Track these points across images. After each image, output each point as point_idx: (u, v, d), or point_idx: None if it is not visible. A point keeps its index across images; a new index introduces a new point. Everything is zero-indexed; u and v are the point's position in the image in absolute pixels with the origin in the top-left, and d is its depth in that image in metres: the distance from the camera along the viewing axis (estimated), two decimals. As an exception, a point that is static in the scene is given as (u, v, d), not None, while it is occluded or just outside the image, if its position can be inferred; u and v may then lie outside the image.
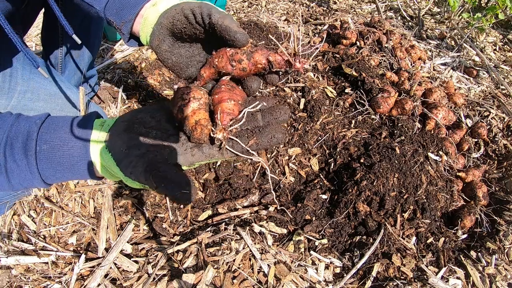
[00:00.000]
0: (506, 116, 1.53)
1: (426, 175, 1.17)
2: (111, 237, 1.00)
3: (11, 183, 0.62)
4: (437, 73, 1.82)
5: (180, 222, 1.10)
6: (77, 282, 0.88)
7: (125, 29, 0.79)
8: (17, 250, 0.95)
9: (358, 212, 1.10)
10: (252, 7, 2.38)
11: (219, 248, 0.93)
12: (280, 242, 1.04)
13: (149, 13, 0.73)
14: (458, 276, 0.98)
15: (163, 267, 0.89)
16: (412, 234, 1.07)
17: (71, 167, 0.62)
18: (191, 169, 1.26)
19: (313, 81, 1.56)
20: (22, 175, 0.62)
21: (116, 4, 0.80)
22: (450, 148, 1.32)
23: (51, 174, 0.62)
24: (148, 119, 0.61)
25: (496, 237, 1.09)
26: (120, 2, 0.79)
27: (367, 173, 1.16)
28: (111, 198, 1.09)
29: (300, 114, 1.41)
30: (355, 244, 1.05)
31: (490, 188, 1.27)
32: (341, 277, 0.95)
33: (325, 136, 1.36)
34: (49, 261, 0.91)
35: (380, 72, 1.62)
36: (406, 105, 1.40)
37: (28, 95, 1.02)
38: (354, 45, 1.83)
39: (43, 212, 1.06)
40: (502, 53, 2.15)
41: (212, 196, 1.21)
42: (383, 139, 1.31)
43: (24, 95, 1.01)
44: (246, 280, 0.86)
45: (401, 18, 2.36)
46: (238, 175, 1.24)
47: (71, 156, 0.61)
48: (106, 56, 1.94)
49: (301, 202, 1.15)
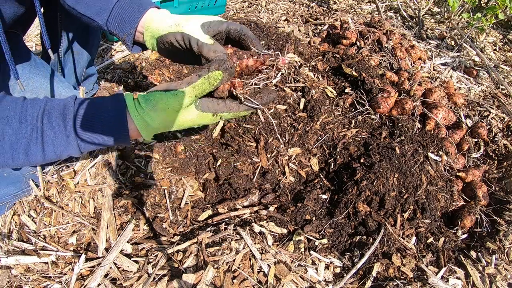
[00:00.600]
0: (506, 116, 1.53)
1: (426, 175, 1.17)
2: (111, 237, 1.00)
3: (44, 151, 0.66)
4: (437, 73, 1.82)
5: (180, 222, 1.10)
6: (77, 282, 0.88)
7: (128, 40, 0.84)
8: (17, 250, 0.95)
9: (358, 212, 1.10)
10: (252, 7, 2.38)
11: (219, 248, 0.93)
12: (280, 242, 1.04)
13: (148, 25, 0.83)
14: (458, 276, 0.98)
15: (163, 267, 0.89)
16: (412, 234, 1.07)
17: (108, 127, 0.68)
18: (191, 170, 1.26)
19: (313, 81, 1.56)
20: (58, 141, 0.66)
21: (117, 19, 0.86)
22: (450, 148, 1.32)
23: (87, 137, 0.67)
24: None
25: (496, 237, 1.09)
26: (120, 17, 0.85)
27: (367, 173, 1.16)
28: (111, 198, 1.09)
29: (300, 114, 1.41)
30: (355, 244, 1.05)
31: (490, 188, 1.28)
32: (341, 277, 0.95)
33: (325, 136, 1.36)
34: (49, 261, 0.91)
35: (380, 72, 1.62)
36: (406, 105, 1.40)
37: (28, 95, 1.02)
38: (354, 45, 1.83)
39: (43, 212, 1.06)
40: (502, 53, 2.15)
41: (212, 196, 1.21)
42: (383, 139, 1.31)
43: (24, 94, 1.01)
44: (246, 280, 0.86)
45: (401, 18, 2.37)
46: (238, 175, 1.24)
47: (108, 112, 0.68)
48: (106, 56, 1.94)
49: (301, 202, 1.15)
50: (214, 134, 1.39)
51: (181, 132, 1.34)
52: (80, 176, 1.13)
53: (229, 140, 1.34)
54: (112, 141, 0.70)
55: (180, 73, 1.66)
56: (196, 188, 1.22)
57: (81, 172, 1.14)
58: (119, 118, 0.68)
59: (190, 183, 1.21)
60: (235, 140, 1.34)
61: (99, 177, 1.13)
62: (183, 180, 1.21)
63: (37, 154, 0.66)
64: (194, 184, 1.22)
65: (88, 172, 1.14)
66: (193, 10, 2.01)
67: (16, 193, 1.08)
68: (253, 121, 1.36)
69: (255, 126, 1.35)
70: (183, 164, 1.26)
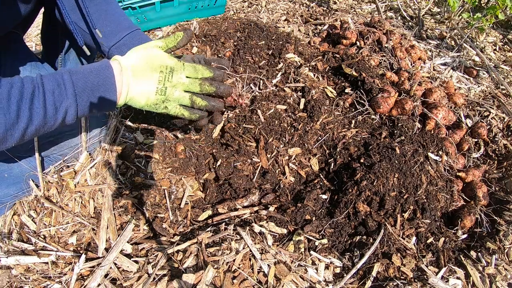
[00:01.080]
0: (506, 116, 1.53)
1: (426, 175, 1.17)
2: (111, 237, 1.00)
3: (46, 104, 0.73)
4: (437, 73, 1.82)
5: (180, 222, 1.10)
6: (77, 282, 0.88)
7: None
8: (17, 250, 0.95)
9: (358, 212, 1.10)
10: (252, 7, 2.38)
11: (219, 248, 0.93)
12: (280, 242, 1.04)
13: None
14: (458, 276, 0.98)
15: (163, 267, 0.89)
16: (412, 234, 1.07)
17: (97, 70, 0.82)
18: (191, 170, 1.26)
19: (313, 81, 1.56)
20: (57, 91, 0.75)
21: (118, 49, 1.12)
22: (450, 148, 1.32)
23: (79, 79, 0.79)
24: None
25: (496, 237, 1.09)
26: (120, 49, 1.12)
27: (367, 173, 1.16)
28: (111, 198, 1.09)
29: (300, 114, 1.41)
30: (355, 244, 1.05)
31: (490, 188, 1.28)
32: (341, 277, 0.95)
33: (325, 136, 1.36)
34: (49, 261, 0.91)
35: (380, 72, 1.62)
36: (406, 105, 1.40)
37: None
38: (354, 45, 1.83)
39: (43, 212, 1.06)
40: (502, 53, 2.15)
41: (212, 196, 1.20)
42: (383, 139, 1.31)
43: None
44: (246, 280, 0.86)
45: (401, 18, 2.37)
46: (238, 175, 1.24)
47: (95, 64, 0.83)
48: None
49: (301, 202, 1.15)
50: (214, 134, 1.39)
51: (181, 132, 1.34)
52: (80, 176, 1.13)
53: (229, 140, 1.34)
54: (103, 88, 0.82)
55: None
56: (196, 188, 1.22)
57: (81, 172, 1.14)
58: (105, 65, 0.84)
59: (190, 183, 1.21)
60: (235, 140, 1.34)
61: (99, 177, 1.13)
62: (183, 180, 1.21)
63: (39, 109, 0.72)
64: (194, 184, 1.22)
65: (88, 172, 1.14)
66: (193, 10, 2.01)
67: (17, 194, 1.08)
68: (253, 121, 1.36)
69: (255, 126, 1.35)
70: (183, 164, 1.26)
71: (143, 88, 0.87)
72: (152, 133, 1.29)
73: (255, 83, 1.55)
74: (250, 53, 1.69)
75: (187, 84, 0.92)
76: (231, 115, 1.43)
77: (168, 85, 0.89)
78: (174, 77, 0.90)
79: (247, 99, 1.04)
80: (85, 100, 0.79)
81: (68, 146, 1.15)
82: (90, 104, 0.80)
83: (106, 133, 1.22)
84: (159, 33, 2.08)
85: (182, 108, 0.94)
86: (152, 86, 0.88)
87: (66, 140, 1.13)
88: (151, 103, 0.90)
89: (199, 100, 0.95)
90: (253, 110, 1.40)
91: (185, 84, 0.92)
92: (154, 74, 0.88)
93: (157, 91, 0.88)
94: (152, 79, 0.88)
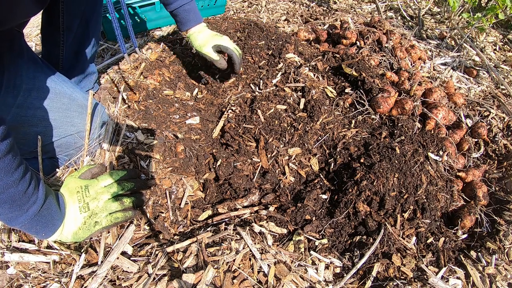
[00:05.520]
0: (506, 116, 1.53)
1: (426, 175, 1.17)
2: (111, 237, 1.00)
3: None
4: (437, 73, 1.82)
5: (180, 222, 1.10)
6: (77, 282, 0.88)
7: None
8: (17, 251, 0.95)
9: (358, 212, 1.10)
10: (252, 7, 2.38)
11: (219, 248, 0.93)
12: (280, 242, 1.04)
13: (189, 36, 1.48)
14: (458, 276, 0.98)
15: (163, 267, 0.89)
16: (412, 234, 1.07)
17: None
18: (191, 170, 1.26)
19: (313, 81, 1.56)
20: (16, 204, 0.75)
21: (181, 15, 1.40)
22: (450, 148, 1.32)
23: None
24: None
25: (496, 237, 1.09)
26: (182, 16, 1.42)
27: (367, 173, 1.16)
28: (111, 198, 1.09)
29: (300, 114, 1.42)
30: (355, 244, 1.05)
31: (490, 188, 1.28)
32: (341, 277, 0.95)
33: (325, 136, 1.36)
34: (51, 261, 0.91)
35: (380, 72, 1.62)
36: (406, 105, 1.40)
37: (34, 94, 1.02)
38: (354, 45, 1.83)
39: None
40: (502, 53, 2.15)
41: (212, 196, 1.21)
42: (383, 139, 1.31)
43: (29, 93, 1.01)
44: (246, 280, 0.86)
45: (401, 18, 2.37)
46: (238, 175, 1.24)
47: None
48: (106, 56, 1.94)
49: (301, 202, 1.15)
50: (214, 134, 1.39)
51: (182, 133, 1.34)
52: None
53: (229, 140, 1.34)
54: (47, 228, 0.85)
55: (180, 73, 1.66)
56: (196, 188, 1.22)
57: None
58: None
59: (190, 183, 1.21)
60: (235, 140, 1.34)
61: (99, 177, 1.13)
62: (183, 180, 1.21)
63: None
64: (194, 184, 1.22)
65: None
66: (193, 10, 2.00)
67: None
68: (253, 121, 1.36)
69: (255, 126, 1.35)
70: (183, 164, 1.26)
71: (68, 215, 0.88)
72: (152, 133, 1.29)
73: (255, 83, 1.55)
74: (250, 53, 1.69)
75: (107, 189, 0.94)
76: (231, 115, 1.43)
77: (88, 200, 0.90)
78: (91, 190, 0.92)
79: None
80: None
81: (73, 147, 1.16)
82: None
83: (107, 133, 1.22)
84: (159, 33, 2.08)
85: (114, 214, 0.94)
86: (74, 207, 0.89)
87: (71, 141, 1.14)
88: (81, 224, 0.89)
89: (125, 198, 0.97)
90: (253, 110, 1.40)
91: (105, 189, 0.94)
92: (73, 196, 0.90)
93: (80, 210, 0.89)
94: (72, 201, 0.90)
